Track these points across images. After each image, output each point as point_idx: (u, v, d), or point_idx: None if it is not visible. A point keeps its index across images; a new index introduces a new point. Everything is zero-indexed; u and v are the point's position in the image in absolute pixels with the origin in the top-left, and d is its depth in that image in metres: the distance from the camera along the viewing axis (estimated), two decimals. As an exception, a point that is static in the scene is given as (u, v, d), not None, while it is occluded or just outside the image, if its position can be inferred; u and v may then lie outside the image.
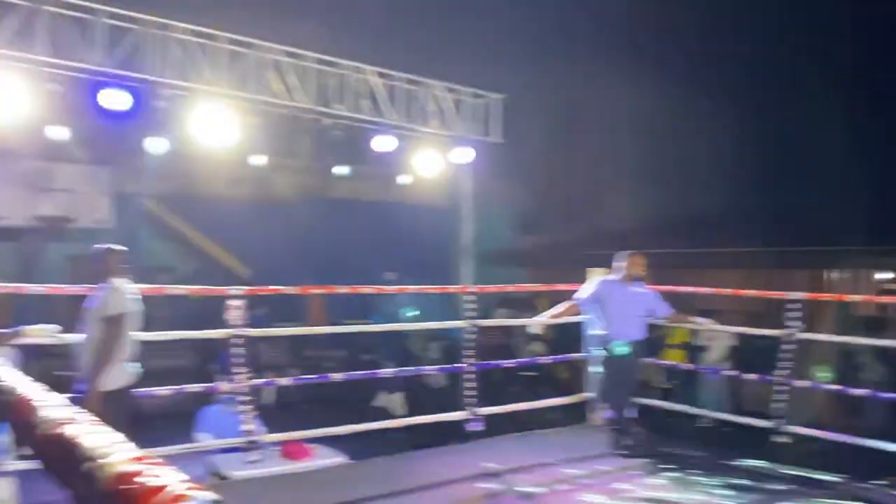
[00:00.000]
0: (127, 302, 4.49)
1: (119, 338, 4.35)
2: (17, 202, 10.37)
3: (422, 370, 8.20)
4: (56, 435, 0.87)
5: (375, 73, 8.47)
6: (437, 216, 14.51)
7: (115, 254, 4.65)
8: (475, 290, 6.86)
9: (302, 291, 6.25)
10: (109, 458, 0.74)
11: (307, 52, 8.06)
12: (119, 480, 0.68)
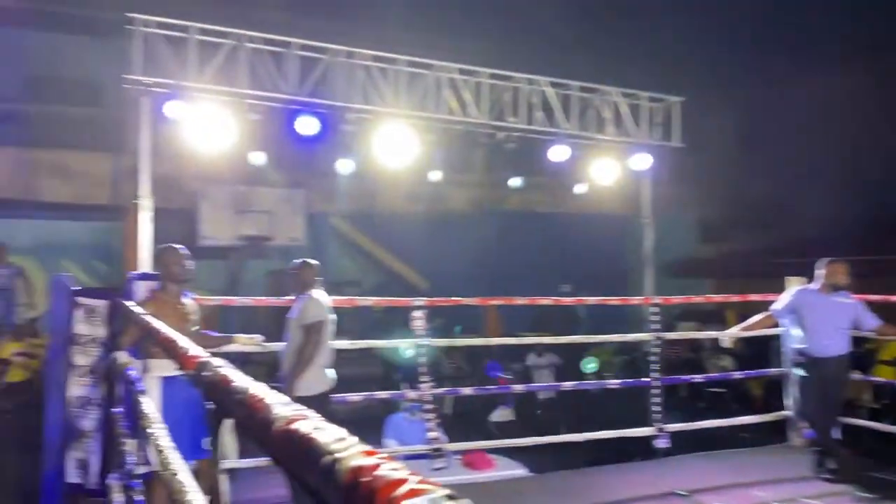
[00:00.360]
0: (324, 311, 4.76)
1: (317, 344, 4.61)
2: (224, 223, 11.40)
3: (604, 384, 7.99)
4: (291, 431, 0.93)
5: (549, 83, 8.45)
6: (614, 226, 14.19)
7: (310, 268, 4.96)
8: (659, 301, 6.61)
9: (480, 302, 6.34)
10: (346, 452, 0.78)
11: (481, 69, 8.20)
12: (357, 473, 0.71)
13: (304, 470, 0.88)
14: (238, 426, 1.20)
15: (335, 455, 0.79)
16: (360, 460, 0.75)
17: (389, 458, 0.75)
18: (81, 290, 5.43)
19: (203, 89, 6.96)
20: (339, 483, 0.76)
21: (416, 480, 0.67)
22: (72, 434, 5.19)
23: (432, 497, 0.63)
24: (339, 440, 0.83)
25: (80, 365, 5.15)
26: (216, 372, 1.53)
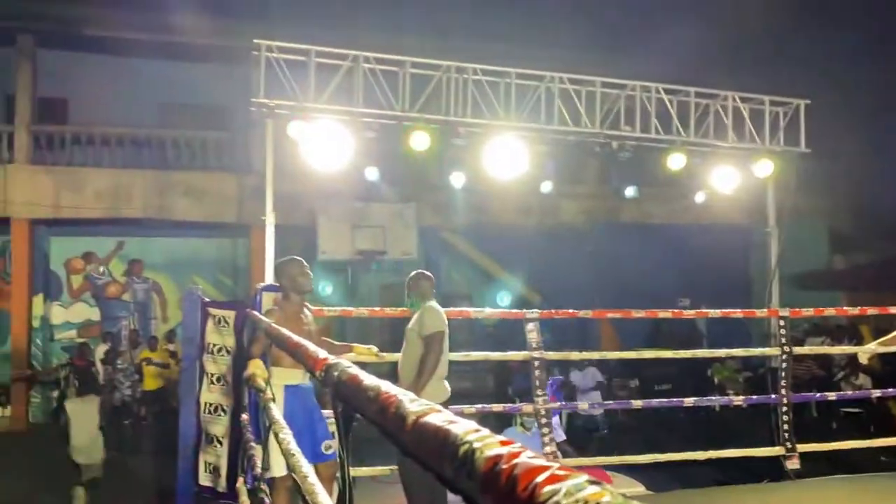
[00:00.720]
0: (443, 321, 4.80)
1: (438, 354, 4.64)
2: (341, 238, 11.77)
3: (729, 400, 7.65)
4: (425, 423, 0.94)
5: (663, 89, 8.24)
6: (736, 237, 13.60)
7: (426, 279, 5.02)
8: (787, 314, 6.27)
9: (595, 315, 6.22)
10: (483, 441, 0.78)
11: (592, 78, 8.10)
12: (496, 461, 0.71)
13: (440, 461, 0.89)
14: (371, 423, 1.24)
15: (472, 444, 0.80)
16: (498, 449, 0.75)
17: (522, 449, 0.75)
18: (212, 302, 5.74)
19: (321, 109, 7.24)
20: (477, 472, 0.76)
21: (556, 467, 0.66)
22: (204, 439, 5.47)
23: (574, 482, 0.62)
24: (474, 431, 0.84)
25: (211, 373, 5.43)
26: (346, 371, 1.57)
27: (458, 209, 13.06)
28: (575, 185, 12.73)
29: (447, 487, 0.91)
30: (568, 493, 0.60)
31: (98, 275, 13.63)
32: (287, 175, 10.25)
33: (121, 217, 12.37)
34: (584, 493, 0.59)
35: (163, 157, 12.81)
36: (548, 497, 0.62)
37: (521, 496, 0.65)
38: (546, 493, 0.62)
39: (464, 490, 0.83)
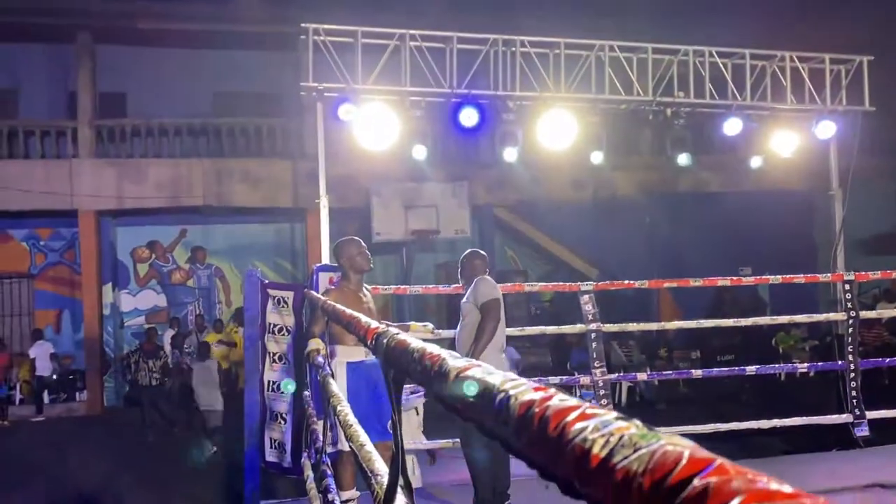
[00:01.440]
0: (497, 290, 4.80)
1: (494, 322, 4.65)
2: (394, 219, 11.87)
3: (794, 367, 7.48)
4: (466, 377, 0.96)
5: (717, 52, 8.01)
6: (798, 202, 13.21)
7: (480, 257, 5.03)
8: (852, 277, 6.07)
9: (652, 285, 6.14)
10: (518, 389, 0.80)
11: (643, 44, 7.93)
12: (529, 405, 0.73)
13: (479, 412, 0.92)
14: (417, 383, 1.28)
15: (508, 392, 0.82)
16: (531, 395, 0.77)
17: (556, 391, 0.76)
18: (271, 284, 5.88)
19: (370, 90, 7.30)
20: (511, 417, 0.78)
21: (586, 406, 0.68)
22: (268, 416, 5.63)
23: (602, 419, 0.63)
24: (510, 380, 0.86)
25: (272, 352, 5.58)
26: (394, 338, 1.62)
27: (510, 186, 13.01)
28: (629, 157, 12.47)
29: (487, 436, 0.94)
30: (595, 428, 0.62)
31: (163, 263, 14.08)
32: (340, 158, 10.39)
33: (182, 206, 12.73)
34: (612, 427, 0.60)
35: (219, 145, 13.10)
36: (577, 434, 0.63)
37: (551, 435, 0.67)
38: (575, 431, 0.64)
39: (501, 436, 0.86)
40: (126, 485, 7.28)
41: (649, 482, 0.49)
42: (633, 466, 0.52)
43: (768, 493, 0.41)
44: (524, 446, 0.75)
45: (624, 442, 0.56)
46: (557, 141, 7.78)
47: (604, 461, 0.56)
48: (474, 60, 7.69)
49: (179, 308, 13.89)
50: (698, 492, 0.45)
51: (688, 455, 0.49)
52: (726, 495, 0.42)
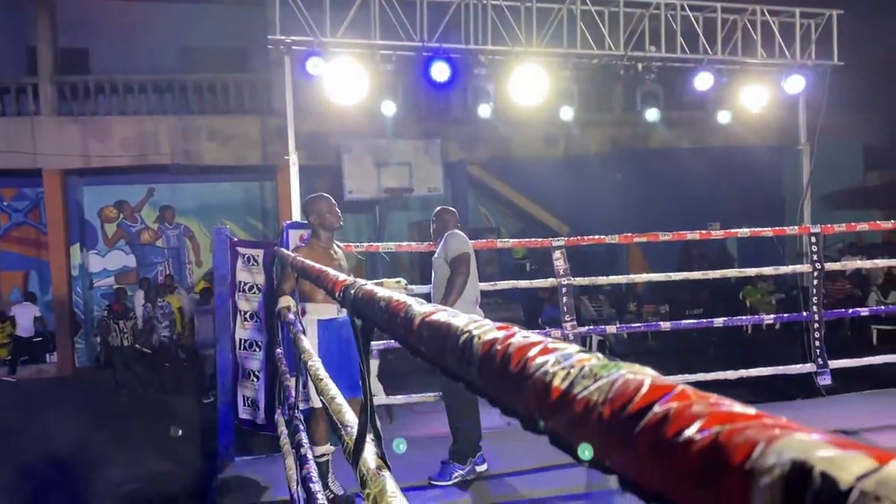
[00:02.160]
0: (468, 244, 4.79)
1: (465, 276, 4.64)
2: (366, 177, 11.76)
3: (760, 319, 7.61)
4: (431, 321, 0.95)
5: (688, 6, 7.96)
6: (767, 157, 13.32)
7: (450, 213, 5.01)
8: (818, 230, 6.16)
9: (622, 240, 6.17)
10: (481, 329, 0.78)
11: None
12: (492, 344, 0.72)
13: (444, 354, 0.90)
14: (384, 331, 1.26)
15: (472, 332, 0.81)
16: (494, 333, 0.76)
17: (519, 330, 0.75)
18: (240, 241, 5.81)
19: (339, 44, 7.15)
20: (475, 357, 0.77)
21: (548, 341, 0.67)
22: (241, 374, 5.62)
23: (563, 353, 0.62)
24: (474, 322, 0.84)
25: (244, 310, 5.54)
26: (362, 288, 1.60)
27: (483, 142, 12.93)
28: (601, 113, 12.48)
29: (452, 378, 0.93)
30: (556, 361, 0.60)
31: (131, 222, 13.86)
32: (309, 114, 10.23)
33: (149, 164, 12.47)
34: (573, 359, 0.59)
35: (185, 102, 12.81)
36: (538, 368, 0.62)
37: (513, 371, 0.66)
38: (536, 365, 0.62)
39: (466, 378, 0.84)
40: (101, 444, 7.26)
41: (609, 411, 0.48)
42: (594, 397, 0.51)
43: (730, 416, 0.40)
44: (487, 384, 0.74)
45: (584, 373, 0.55)
46: (529, 96, 7.73)
47: (564, 393, 0.55)
48: (445, 13, 7.56)
49: (149, 268, 13.73)
50: (659, 418, 0.43)
51: (648, 383, 0.48)
52: (687, 419, 0.41)
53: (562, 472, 4.54)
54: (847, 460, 0.32)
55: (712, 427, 0.39)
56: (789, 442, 0.35)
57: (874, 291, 11.62)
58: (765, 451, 0.35)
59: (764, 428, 0.37)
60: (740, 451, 0.36)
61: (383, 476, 1.54)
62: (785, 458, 0.33)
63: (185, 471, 6.31)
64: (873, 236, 14.32)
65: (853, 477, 0.31)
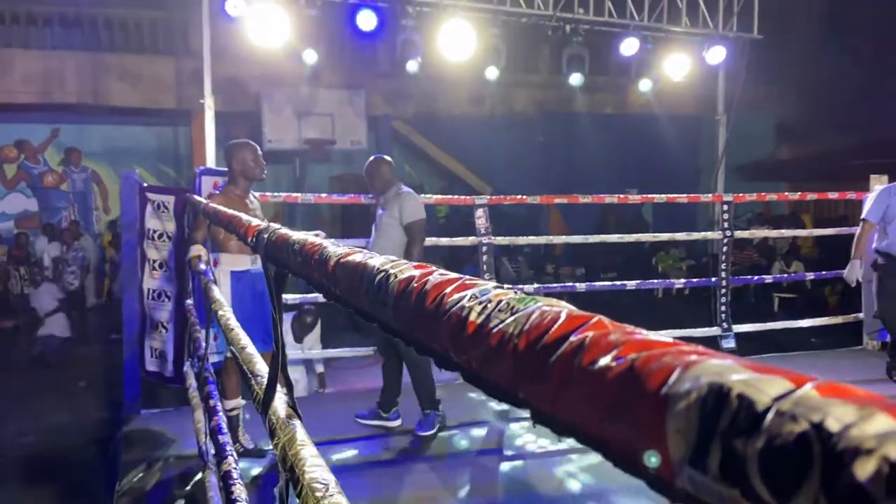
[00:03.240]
0: (422, 208, 4.68)
1: (422, 244, 4.55)
2: (287, 127, 11.45)
3: (670, 283, 7.88)
4: (347, 262, 0.91)
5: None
6: (686, 126, 13.68)
7: (387, 163, 4.83)
8: (730, 199, 6.39)
9: (543, 201, 6.24)
10: (397, 268, 0.76)
11: (547, -43, 7.81)
12: (408, 282, 0.69)
13: (359, 295, 0.87)
14: (297, 275, 1.21)
15: (388, 272, 0.78)
16: (411, 272, 0.73)
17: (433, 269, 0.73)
18: (150, 187, 5.57)
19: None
20: (390, 296, 0.74)
21: (465, 279, 0.65)
22: (149, 325, 5.43)
23: (480, 288, 0.60)
24: (391, 262, 0.81)
25: (152, 259, 5.33)
26: (275, 232, 1.54)
27: (409, 98, 12.77)
28: (527, 75, 12.52)
29: (365, 319, 0.90)
30: (473, 296, 0.58)
31: (34, 164, 13.11)
32: (228, 58, 9.82)
33: (53, 102, 11.76)
34: (489, 294, 0.57)
35: (95, 38, 12.09)
36: (454, 303, 0.60)
37: (429, 308, 0.64)
38: (453, 301, 0.60)
39: (380, 319, 0.82)
40: (8, 396, 6.95)
41: (525, 342, 0.46)
42: (510, 329, 0.49)
43: (647, 343, 0.39)
44: (403, 323, 0.71)
45: (501, 307, 0.53)
46: (457, 52, 7.64)
47: (479, 326, 0.53)
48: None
49: (52, 213, 13.05)
50: (574, 347, 0.42)
51: (565, 314, 0.46)
52: (603, 348, 0.40)
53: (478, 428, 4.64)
54: (764, 382, 0.31)
55: (628, 355, 0.38)
56: (706, 367, 0.34)
57: (778, 261, 12.21)
58: (681, 377, 0.34)
59: (680, 354, 0.36)
60: (656, 377, 0.34)
61: (293, 424, 1.51)
62: (702, 382, 0.32)
63: (88, 423, 6.11)
64: (779, 207, 15.00)
65: (770, 398, 0.30)
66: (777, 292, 11.47)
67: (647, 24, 8.10)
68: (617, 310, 4.53)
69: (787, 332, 6.98)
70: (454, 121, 13.26)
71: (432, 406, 4.53)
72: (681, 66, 8.48)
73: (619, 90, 12.45)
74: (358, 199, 6.47)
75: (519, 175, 12.76)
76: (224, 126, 8.18)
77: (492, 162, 13.72)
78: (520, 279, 11.93)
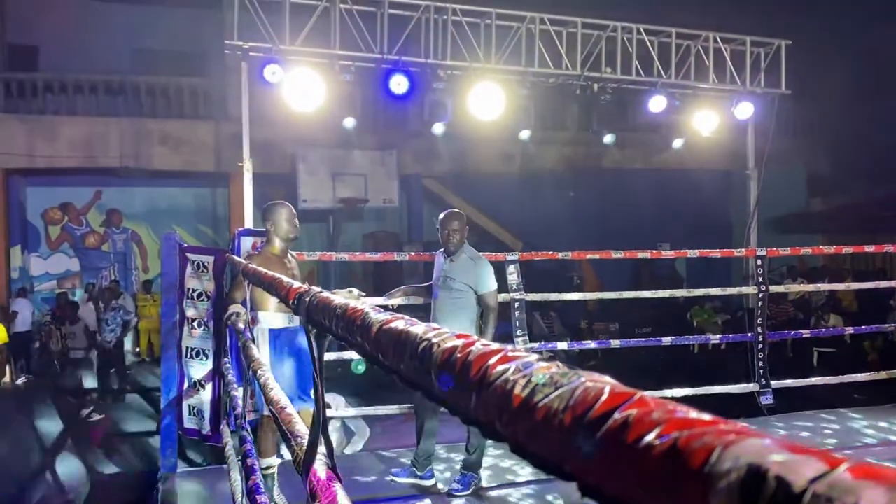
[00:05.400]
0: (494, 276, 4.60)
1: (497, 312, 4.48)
2: (321, 187, 11.69)
3: (706, 339, 7.77)
4: (390, 329, 0.95)
5: (644, 30, 8.15)
6: (716, 181, 13.65)
7: (463, 219, 4.69)
8: (764, 253, 6.34)
9: (575, 256, 6.25)
10: (440, 337, 0.79)
11: (573, 18, 7.99)
12: (451, 352, 0.72)
13: (403, 360, 0.90)
14: (339, 339, 1.25)
15: (431, 340, 0.81)
16: (454, 342, 0.76)
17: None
18: (190, 247, 5.70)
19: (297, 52, 7.11)
20: (434, 365, 0.77)
21: (508, 349, 0.67)
22: (187, 383, 5.50)
23: (524, 361, 0.63)
24: (433, 330, 0.84)
25: (191, 318, 5.43)
26: (317, 296, 1.58)
27: (439, 156, 12.97)
28: (556, 132, 12.66)
29: (410, 387, 0.93)
30: (517, 369, 0.61)
31: (76, 225, 13.50)
32: (265, 122, 10.12)
33: (97, 166, 12.19)
34: (533, 367, 0.60)
35: (138, 104, 12.57)
36: (498, 375, 0.62)
37: (473, 379, 0.66)
38: (497, 373, 0.63)
39: (424, 386, 0.85)
40: (41, 452, 7.03)
41: (570, 418, 0.49)
42: (555, 404, 0.52)
43: (688, 422, 0.41)
44: (446, 393, 0.74)
45: (545, 381, 0.56)
46: (486, 112, 7.79)
47: (525, 400, 0.55)
48: (406, 26, 7.58)
49: (93, 273, 13.38)
50: (619, 424, 0.44)
51: (608, 390, 0.49)
52: (647, 425, 0.42)
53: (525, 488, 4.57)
54: (800, 464, 0.33)
55: (671, 433, 0.40)
56: (745, 446, 0.36)
57: (815, 315, 11.98)
58: (722, 456, 0.36)
59: (720, 433, 0.38)
60: (698, 456, 0.37)
61: (334, 487, 1.52)
62: (741, 463, 0.35)
63: (125, 481, 6.14)
64: (814, 260, 14.79)
65: (806, 480, 0.32)
66: (815, 346, 11.21)
67: (674, 82, 8.20)
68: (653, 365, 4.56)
69: (828, 388, 6.81)
70: (484, 178, 13.42)
71: (474, 469, 4.49)
72: (709, 122, 8.53)
73: (648, 146, 12.53)
74: (390, 256, 6.53)
75: (550, 231, 12.79)
76: (261, 186, 8.39)
77: (522, 218, 13.80)
78: (553, 335, 11.84)
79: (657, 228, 13.41)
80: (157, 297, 10.01)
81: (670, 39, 8.24)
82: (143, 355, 12.49)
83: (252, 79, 7.19)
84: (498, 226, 14.62)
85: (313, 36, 7.26)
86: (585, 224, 13.58)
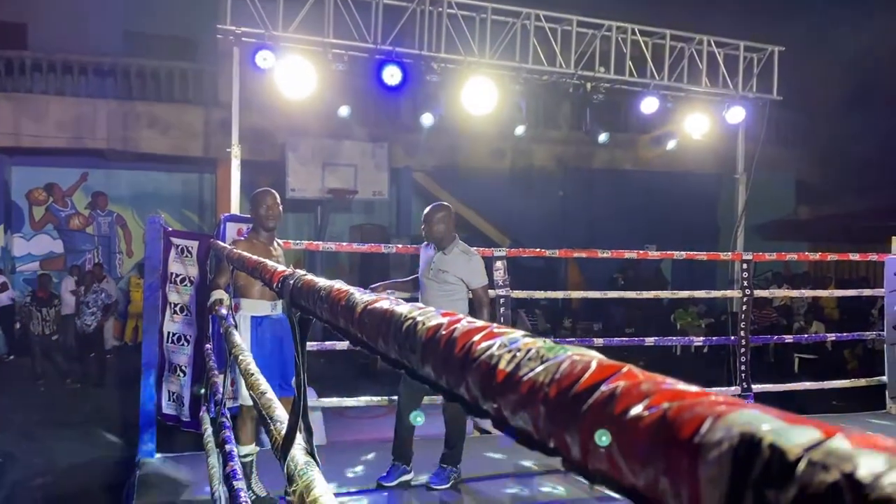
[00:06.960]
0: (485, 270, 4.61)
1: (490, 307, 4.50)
2: (310, 176, 11.62)
3: (690, 340, 7.80)
4: (374, 308, 0.93)
5: (639, 31, 8.15)
6: (705, 184, 13.71)
7: (450, 213, 4.66)
8: (750, 257, 6.36)
9: (562, 254, 6.25)
10: (425, 316, 0.77)
11: (568, 16, 7.98)
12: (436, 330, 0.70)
13: (387, 341, 0.89)
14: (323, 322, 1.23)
15: (415, 319, 0.79)
16: (438, 320, 0.75)
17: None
18: (174, 231, 5.65)
19: (290, 38, 7.06)
20: (418, 343, 0.75)
21: (493, 326, 0.66)
22: (167, 368, 5.45)
23: (509, 336, 0.61)
24: (418, 309, 0.83)
25: (174, 303, 5.38)
26: (301, 278, 1.56)
27: (430, 150, 12.94)
28: (548, 130, 12.68)
29: (392, 366, 0.91)
30: (502, 345, 0.60)
31: (61, 207, 13.37)
32: (255, 109, 10.06)
33: (84, 148, 12.06)
34: (518, 343, 0.58)
35: (127, 87, 12.44)
36: (483, 351, 0.61)
37: (458, 355, 0.65)
38: (482, 349, 0.62)
39: (408, 366, 0.83)
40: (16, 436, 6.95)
41: (555, 391, 0.47)
42: (540, 378, 0.50)
43: (678, 393, 0.40)
44: (430, 370, 0.73)
45: (531, 355, 0.54)
46: (479, 107, 7.76)
47: (509, 375, 0.54)
48: (400, 17, 7.54)
49: (77, 255, 13.25)
50: (606, 396, 0.43)
51: (595, 363, 0.47)
52: (635, 397, 0.41)
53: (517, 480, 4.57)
54: (795, 432, 0.32)
55: (660, 404, 0.39)
56: (737, 416, 0.35)
57: (798, 321, 12.07)
58: (713, 426, 0.35)
59: (712, 404, 0.37)
60: (688, 427, 0.36)
61: (311, 471, 1.50)
62: (734, 432, 0.33)
63: (102, 466, 6.09)
64: (799, 267, 14.89)
65: (801, 448, 0.31)
66: (797, 352, 11.30)
67: (666, 84, 8.22)
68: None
69: (807, 394, 6.86)
70: (474, 174, 13.40)
71: (453, 462, 4.48)
72: (700, 125, 8.55)
73: (638, 147, 12.55)
74: (378, 249, 6.51)
75: (538, 229, 12.80)
76: (249, 174, 8.33)
77: (511, 215, 13.80)
78: (536, 332, 11.85)
79: (645, 230, 13.46)
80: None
81: (664, 41, 8.25)
82: (128, 339, 12.39)
83: (243, 65, 7.13)
84: (486, 222, 14.61)
85: (307, 23, 7.21)
86: (574, 223, 13.61)
